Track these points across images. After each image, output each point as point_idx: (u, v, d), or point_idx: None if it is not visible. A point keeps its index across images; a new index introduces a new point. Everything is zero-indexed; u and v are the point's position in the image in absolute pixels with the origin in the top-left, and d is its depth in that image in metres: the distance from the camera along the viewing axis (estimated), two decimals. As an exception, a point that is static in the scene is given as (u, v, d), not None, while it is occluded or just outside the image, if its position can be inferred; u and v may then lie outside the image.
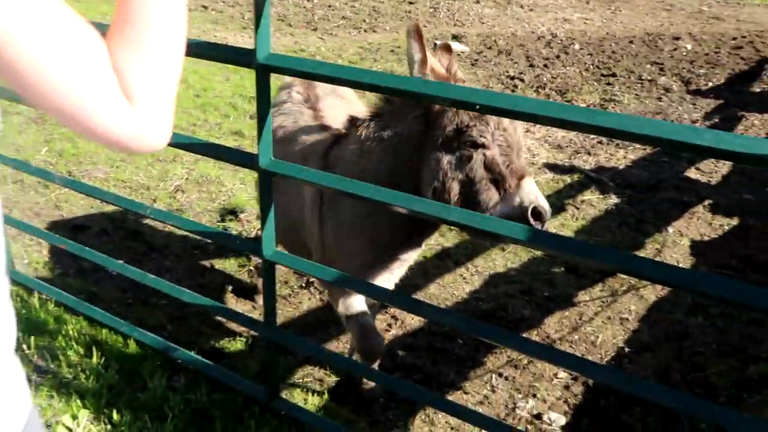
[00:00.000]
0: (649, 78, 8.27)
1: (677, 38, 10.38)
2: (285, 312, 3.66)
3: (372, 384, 2.95)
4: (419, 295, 3.82)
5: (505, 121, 2.11)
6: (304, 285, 3.85)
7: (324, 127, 2.80)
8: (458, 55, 9.15)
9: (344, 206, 2.48)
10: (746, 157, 1.37)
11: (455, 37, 10.01)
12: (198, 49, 2.15)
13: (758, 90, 8.03)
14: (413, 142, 2.26)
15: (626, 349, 3.44)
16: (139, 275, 2.92)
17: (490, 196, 2.11)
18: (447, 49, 2.42)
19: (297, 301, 3.75)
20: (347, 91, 3.29)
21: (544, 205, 2.06)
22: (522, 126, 2.22)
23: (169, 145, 0.93)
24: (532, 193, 2.06)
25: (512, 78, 8.10)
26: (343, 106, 3.07)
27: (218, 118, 6.39)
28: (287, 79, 3.15)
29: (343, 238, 2.53)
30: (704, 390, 3.15)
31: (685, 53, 9.57)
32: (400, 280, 2.90)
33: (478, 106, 1.67)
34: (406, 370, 3.26)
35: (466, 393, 3.14)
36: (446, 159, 2.16)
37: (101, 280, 3.81)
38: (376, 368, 2.86)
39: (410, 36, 2.12)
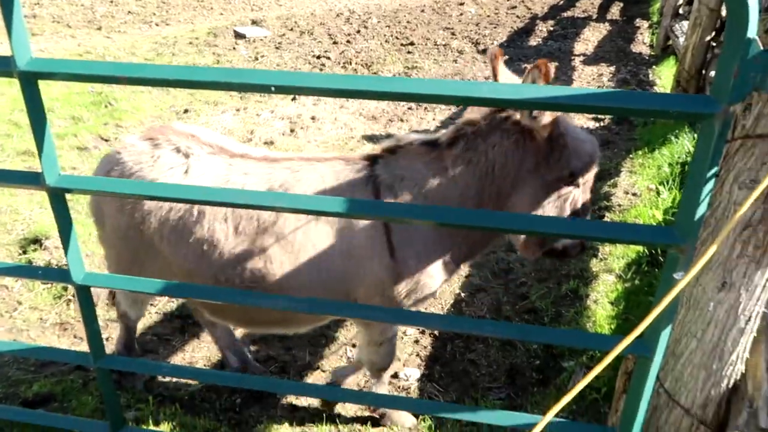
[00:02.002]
0: (443, 43, 8.83)
1: (461, 3, 11.19)
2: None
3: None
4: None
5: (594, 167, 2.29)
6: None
7: (318, 159, 2.41)
8: (261, 39, 8.98)
9: (424, 230, 2.28)
10: (515, 102, 1.52)
11: (255, 23, 9.79)
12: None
13: (534, 44, 8.99)
14: (508, 170, 2.20)
15: (462, 294, 3.71)
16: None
17: None
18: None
19: (130, 321, 3.47)
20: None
21: None
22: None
23: None
24: None
25: (318, 57, 8.15)
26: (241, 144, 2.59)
27: (-2, 139, 5.60)
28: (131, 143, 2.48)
29: (426, 263, 2.31)
30: (531, 314, 3.52)
31: (470, 17, 10.37)
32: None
33: (273, 88, 1.65)
34: (261, 363, 3.20)
35: (323, 370, 3.17)
36: (546, 193, 2.21)
37: None
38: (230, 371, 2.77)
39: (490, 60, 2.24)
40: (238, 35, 9.12)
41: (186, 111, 6.22)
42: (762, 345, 2.02)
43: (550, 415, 1.54)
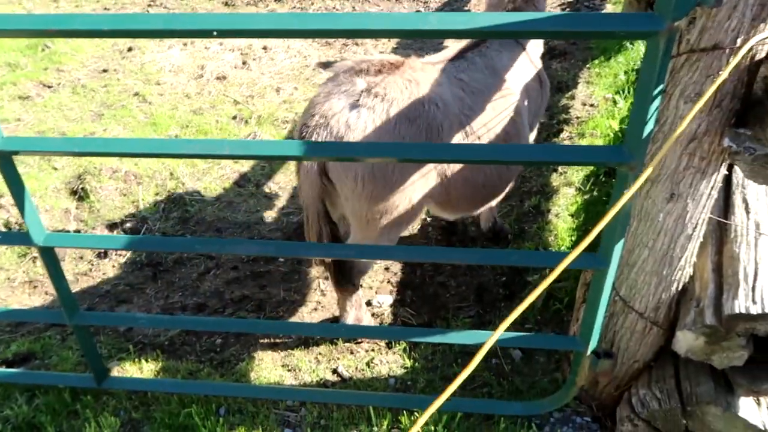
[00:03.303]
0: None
1: None
2: (90, 288, 3.37)
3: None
4: (227, 227, 3.75)
5: None
6: (102, 254, 3.56)
7: (474, 43, 2.89)
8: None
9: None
10: (465, 32, 1.51)
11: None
12: None
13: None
14: None
15: (428, 219, 3.79)
16: None
17: None
18: None
19: (100, 273, 3.47)
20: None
21: None
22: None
23: None
24: None
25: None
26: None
27: (-68, 94, 5.29)
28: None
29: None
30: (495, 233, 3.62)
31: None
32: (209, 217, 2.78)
33: (215, 33, 1.59)
34: (236, 303, 3.26)
35: (299, 305, 3.25)
36: None
37: None
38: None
39: None
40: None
41: (130, 49, 5.92)
42: (708, 248, 2.14)
43: (500, 329, 1.62)
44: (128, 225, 3.75)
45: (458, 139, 2.61)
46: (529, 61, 3.00)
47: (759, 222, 2.20)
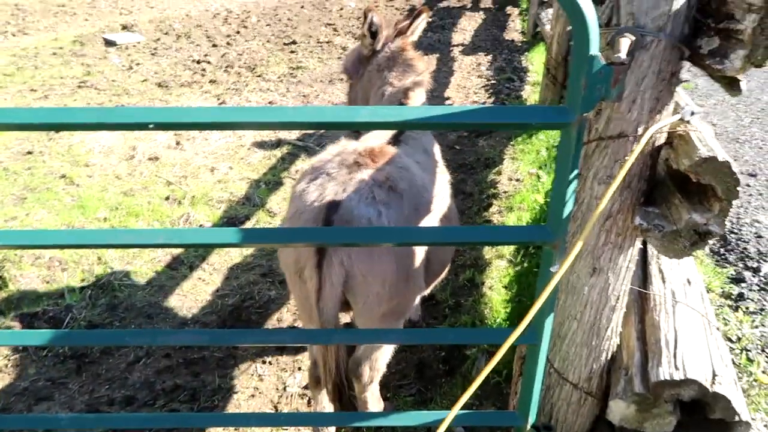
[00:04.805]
0: (326, 40, 8.85)
1: (341, -2, 11.23)
2: (5, 385, 3.13)
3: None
4: (159, 312, 3.61)
5: None
6: (20, 347, 3.33)
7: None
8: (134, 46, 8.53)
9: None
10: (389, 124, 1.60)
11: (125, 27, 9.27)
12: None
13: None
14: None
15: (366, 296, 3.80)
16: None
17: None
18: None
19: (18, 368, 3.24)
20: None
21: None
22: None
23: None
24: None
25: (199, 62, 7.88)
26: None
27: None
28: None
29: None
30: (432, 306, 3.66)
31: (350, 11, 10.45)
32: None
33: (151, 126, 1.61)
34: (168, 394, 3.10)
35: (235, 392, 3.13)
36: None
37: None
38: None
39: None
40: (109, 42, 8.61)
41: (57, 130, 5.81)
42: (632, 317, 2.26)
43: (454, 411, 1.64)
44: (51, 315, 3.55)
45: (438, 219, 2.64)
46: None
47: (674, 290, 2.35)
